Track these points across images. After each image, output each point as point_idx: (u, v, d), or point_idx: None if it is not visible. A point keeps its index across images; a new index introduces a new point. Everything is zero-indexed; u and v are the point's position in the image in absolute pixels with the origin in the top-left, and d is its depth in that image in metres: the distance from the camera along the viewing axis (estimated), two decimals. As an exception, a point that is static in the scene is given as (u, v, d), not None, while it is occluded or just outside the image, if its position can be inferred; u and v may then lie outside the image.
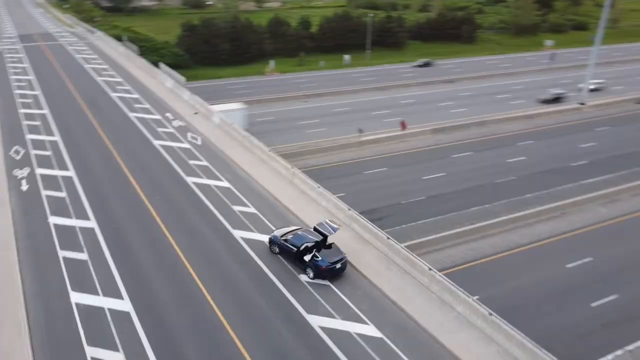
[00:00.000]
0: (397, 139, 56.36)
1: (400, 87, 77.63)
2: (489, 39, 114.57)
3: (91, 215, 28.27)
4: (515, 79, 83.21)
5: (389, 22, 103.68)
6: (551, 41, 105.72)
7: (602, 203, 43.69)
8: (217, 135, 39.86)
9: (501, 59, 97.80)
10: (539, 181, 47.44)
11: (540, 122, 62.61)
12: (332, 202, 28.96)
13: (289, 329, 20.48)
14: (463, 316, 20.86)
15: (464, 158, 52.31)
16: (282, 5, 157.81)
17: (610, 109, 67.70)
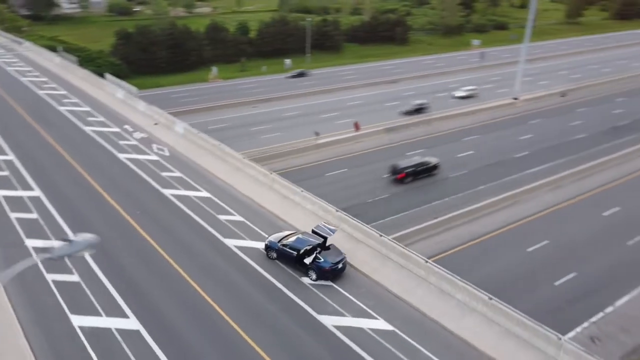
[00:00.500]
0: (352, 140, 57.83)
1: (346, 89, 79.49)
2: (420, 40, 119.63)
3: (72, 236, 27.21)
4: (451, 78, 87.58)
5: (325, 26, 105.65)
6: (478, 41, 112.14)
7: (547, 190, 47.29)
8: (184, 145, 39.39)
9: (435, 59, 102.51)
10: (489, 173, 50.48)
11: (480, 118, 66.48)
12: (318, 205, 29.72)
13: (305, 331, 21.05)
14: (463, 303, 22.35)
15: (419, 155, 54.62)
16: (212, 10, 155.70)
17: (540, 103, 73.08)
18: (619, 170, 51.15)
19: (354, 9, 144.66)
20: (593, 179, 49.38)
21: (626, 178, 49.83)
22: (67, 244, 13.39)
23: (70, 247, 13.39)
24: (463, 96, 74.75)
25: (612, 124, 65.11)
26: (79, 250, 13.45)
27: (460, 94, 75.14)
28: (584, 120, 66.07)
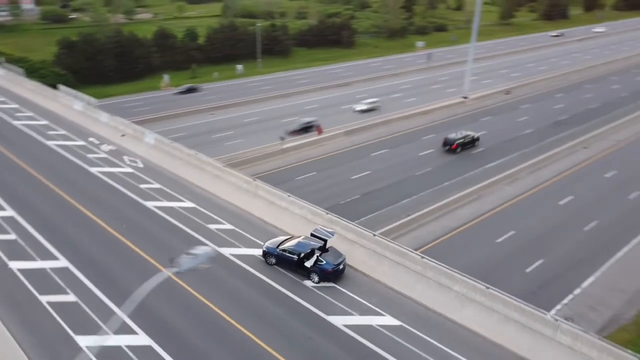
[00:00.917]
0: (315, 144, 58.62)
1: (302, 93, 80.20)
2: (366, 42, 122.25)
3: (59, 255, 26.37)
4: (402, 79, 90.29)
5: (274, 31, 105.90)
6: (422, 42, 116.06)
7: (506, 183, 50.06)
8: (158, 156, 38.77)
9: (383, 61, 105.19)
10: (451, 170, 52.76)
11: (434, 117, 69.13)
12: (307, 209, 30.27)
13: (317, 332, 21.58)
14: (461, 294, 23.65)
15: (382, 155, 56.20)
16: (153, 16, 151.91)
17: (488, 101, 76.88)
18: (568, 161, 54.86)
19: (298, 13, 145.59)
20: (546, 170, 52.68)
21: (575, 169, 53.49)
22: (191, 256, 13.68)
23: (194, 260, 13.73)
24: (364, 109, 70.03)
25: (555, 118, 69.53)
26: (202, 262, 13.80)
27: (361, 107, 70.29)
28: (529, 116, 70.17)
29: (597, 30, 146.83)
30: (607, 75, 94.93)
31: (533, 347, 20.88)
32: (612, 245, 39.32)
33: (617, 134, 63.51)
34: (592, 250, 38.75)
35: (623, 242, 39.72)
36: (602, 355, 19.88)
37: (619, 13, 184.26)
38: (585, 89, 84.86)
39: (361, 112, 69.89)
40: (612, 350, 19.91)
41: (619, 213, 44.25)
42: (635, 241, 40.01)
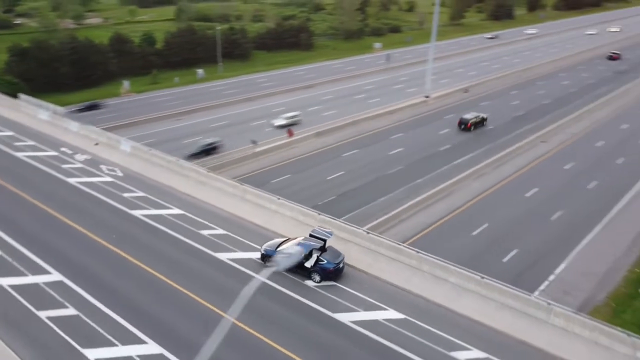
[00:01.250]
0: (287, 146, 59.00)
1: (268, 96, 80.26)
2: (324, 44, 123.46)
3: (50, 269, 25.75)
4: (364, 80, 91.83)
5: (233, 34, 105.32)
6: (379, 44, 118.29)
7: (474, 179, 52.09)
8: (137, 164, 38.21)
9: (343, 63, 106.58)
10: (421, 167, 54.35)
11: (400, 117, 70.88)
12: (297, 210, 30.75)
13: (326, 330, 22.14)
14: (457, 285, 24.81)
15: (353, 155, 57.23)
16: (104, 21, 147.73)
17: (448, 99, 79.48)
18: (529, 155, 57.61)
19: (254, 16, 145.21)
20: (509, 165, 55.16)
21: (536, 162, 56.23)
22: (286, 256, 14.37)
23: (290, 259, 14.38)
24: (283, 125, 64.05)
25: (513, 114, 72.71)
26: (296, 261, 14.58)
27: (280, 123, 64.71)
28: (489, 113, 72.96)
29: (530, 32, 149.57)
30: (555, 73, 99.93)
31: (529, 330, 22.21)
32: (578, 232, 41.77)
33: (572, 127, 67.14)
34: (560, 238, 41.04)
35: (587, 229, 42.26)
36: (594, 334, 21.41)
37: (559, 13, 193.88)
38: (538, 86, 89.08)
39: (280, 127, 63.37)
40: (602, 328, 21.49)
41: (580, 202, 46.98)
42: (598, 228, 42.63)
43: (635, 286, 35.77)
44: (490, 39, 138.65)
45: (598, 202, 47.11)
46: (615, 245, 40.33)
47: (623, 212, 45.63)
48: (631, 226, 43.39)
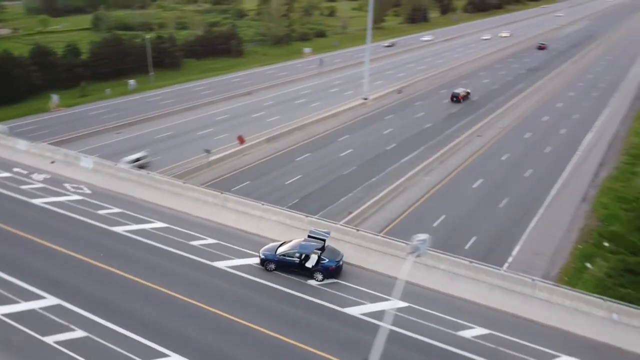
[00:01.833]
0: (239, 154, 59.17)
1: (209, 105, 79.46)
2: (254, 51, 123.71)
3: (44, 293, 24.78)
4: (300, 85, 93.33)
5: (162, 43, 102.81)
6: (309, 49, 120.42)
7: (424, 174, 55.28)
8: (104, 180, 37.10)
9: (276, 68, 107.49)
10: (373, 166, 56.75)
11: (343, 119, 73.18)
12: (284, 214, 31.57)
13: (340, 324, 23.29)
14: (449, 271, 26.90)
15: (307, 159, 58.55)
16: (13, 32, 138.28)
17: (385, 100, 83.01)
18: (469, 148, 61.91)
19: (177, 24, 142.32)
20: (453, 159, 59.03)
21: (476, 155, 60.56)
22: (421, 242, 15.17)
23: (425, 244, 15.35)
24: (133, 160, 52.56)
25: (447, 112, 77.43)
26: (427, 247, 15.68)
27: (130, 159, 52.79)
28: (425, 112, 77.27)
29: (425, 39, 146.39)
30: (476, 71, 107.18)
31: (519, 305, 24.70)
32: (524, 217, 45.82)
33: (500, 121, 72.74)
34: (510, 222, 44.84)
35: (532, 213, 46.46)
36: (574, 302, 24.27)
37: (469, 15, 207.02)
38: (463, 84, 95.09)
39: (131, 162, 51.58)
40: (581, 297, 24.41)
41: (521, 189, 51.41)
42: (541, 211, 46.99)
43: (581, 260, 40.00)
44: (388, 47, 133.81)
45: (536, 187, 51.78)
46: (557, 226, 44.74)
47: (559, 195, 50.53)
48: (568, 206, 48.24)
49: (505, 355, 21.70)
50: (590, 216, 47.17)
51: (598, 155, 61.78)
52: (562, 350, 21.92)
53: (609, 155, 61.87)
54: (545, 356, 21.53)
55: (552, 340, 22.42)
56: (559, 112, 78.58)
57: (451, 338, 22.62)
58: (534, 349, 22.01)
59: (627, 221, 47.12)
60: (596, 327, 23.28)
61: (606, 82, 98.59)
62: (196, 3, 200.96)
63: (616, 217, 47.22)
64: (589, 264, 39.53)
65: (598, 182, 54.21)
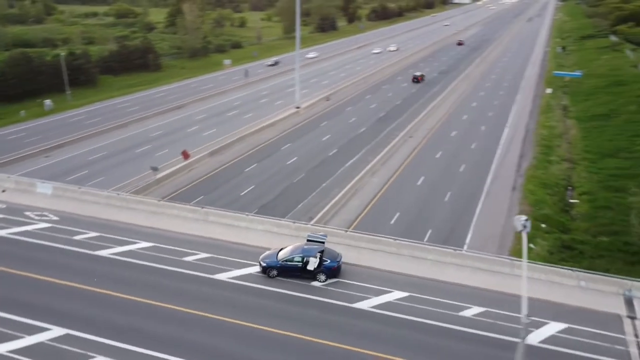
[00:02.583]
0: (186, 169, 58.54)
1: (139, 121, 77.05)
2: (172, 64, 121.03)
3: (47, 325, 23.81)
4: (229, 97, 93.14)
5: (75, 59, 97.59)
6: (229, 60, 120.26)
7: (370, 175, 58.23)
8: (69, 205, 35.61)
9: (199, 81, 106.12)
10: (321, 172, 58.76)
11: (281, 128, 74.58)
12: (270, 223, 32.50)
13: (355, 319, 24.87)
14: (436, 260, 29.44)
15: (255, 169, 59.25)
16: None
17: (316, 108, 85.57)
18: (405, 149, 65.97)
19: (83, 39, 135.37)
20: (393, 160, 62.70)
21: (413, 155, 64.72)
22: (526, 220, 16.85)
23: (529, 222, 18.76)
24: None
25: (376, 116, 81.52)
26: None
27: None
28: (356, 117, 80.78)
29: (311, 56, 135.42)
30: (395, 76, 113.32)
31: (502, 283, 27.78)
32: (468, 207, 50.15)
33: (426, 123, 77.99)
34: (457, 213, 48.91)
35: (474, 204, 50.93)
36: (548, 275, 27.80)
37: (373, 23, 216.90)
38: (385, 89, 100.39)
39: None
40: (553, 270, 28.02)
41: (459, 182, 55.99)
42: (481, 201, 51.60)
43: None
44: (271, 66, 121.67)
45: (472, 180, 56.64)
46: (498, 213, 49.45)
47: (492, 185, 55.67)
48: (502, 195, 53.41)
49: (503, 327, 24.47)
50: (523, 202, 52.54)
51: (517, 148, 68.61)
52: (548, 317, 25.15)
53: (525, 147, 68.91)
54: (536, 324, 24.58)
55: (538, 310, 25.59)
56: (475, 110, 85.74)
57: (456, 319, 25.03)
58: (520, 318, 24.99)
59: (552, 204, 53.19)
60: (569, 294, 26.87)
61: (508, 81, 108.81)
62: (96, 17, 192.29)
63: (544, 201, 53.07)
64: (532, 245, 44.25)
65: (522, 172, 60.33)
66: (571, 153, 67.77)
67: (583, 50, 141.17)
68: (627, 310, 25.82)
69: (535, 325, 24.50)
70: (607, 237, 45.35)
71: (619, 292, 26.76)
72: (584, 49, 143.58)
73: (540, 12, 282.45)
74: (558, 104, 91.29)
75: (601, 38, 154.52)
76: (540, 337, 23.72)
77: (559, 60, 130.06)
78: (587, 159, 64.50)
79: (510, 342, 23.21)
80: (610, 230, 46.66)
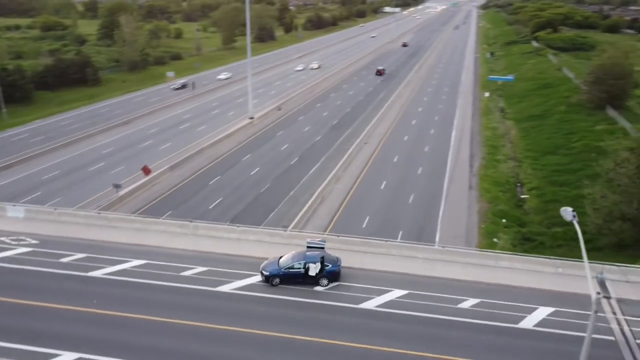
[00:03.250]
0: (148, 185, 57.34)
1: (86, 138, 74.07)
2: (112, 78, 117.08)
3: (58, 351, 23.15)
4: (178, 109, 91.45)
5: (8, 75, 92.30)
6: (172, 72, 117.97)
7: (334, 182, 59.60)
8: (47, 227, 34.30)
9: (145, 94, 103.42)
10: (285, 181, 59.41)
11: (238, 139, 74.49)
12: (262, 233, 33.00)
13: (364, 319, 25.99)
14: (425, 258, 31.14)
15: (219, 182, 58.96)
16: None
17: (269, 118, 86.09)
18: (362, 156, 67.99)
19: (9, 53, 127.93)
20: (353, 166, 64.43)
21: (372, 160, 66.82)
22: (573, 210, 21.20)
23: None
24: None
25: (330, 124, 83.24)
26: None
27: None
28: (310, 126, 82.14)
29: (222, 77, 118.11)
30: (340, 84, 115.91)
31: (487, 274, 29.91)
32: (432, 208, 52.71)
33: (378, 128, 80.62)
34: (423, 214, 51.23)
35: (437, 204, 53.57)
36: (528, 264, 30.23)
37: (310, 32, 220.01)
38: (333, 97, 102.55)
39: None
40: (532, 259, 30.52)
41: (419, 185, 58.58)
42: (443, 201, 54.31)
43: (489, 237, 47.62)
44: (179, 89, 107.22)
45: (430, 182, 59.45)
46: (460, 211, 52.36)
47: (450, 186, 58.71)
48: (461, 195, 56.48)
49: (500, 315, 26.45)
50: (480, 200, 55.89)
51: (466, 149, 72.59)
52: (537, 303, 27.43)
53: (474, 148, 73.05)
54: (527, 309, 26.79)
55: (526, 297, 27.88)
56: (422, 115, 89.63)
57: (456, 311, 26.75)
58: (517, 306, 27.19)
59: (506, 201, 56.90)
60: (550, 281, 29.38)
61: (447, 86, 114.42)
62: (19, 30, 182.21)
63: (498, 198, 56.67)
64: (495, 239, 47.31)
65: (475, 172, 64.03)
66: (515, 152, 72.57)
67: (510, 56, 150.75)
68: (602, 291, 28.60)
69: (527, 311, 26.66)
70: (560, 227, 49.18)
71: (592, 275, 29.53)
72: (511, 54, 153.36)
73: (465, 20, 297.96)
74: (496, 106, 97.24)
75: (524, 44, 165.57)
76: (534, 321, 25.85)
77: (490, 65, 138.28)
78: (530, 157, 69.33)
79: (508, 327, 25.26)
80: (561, 221, 49.95)
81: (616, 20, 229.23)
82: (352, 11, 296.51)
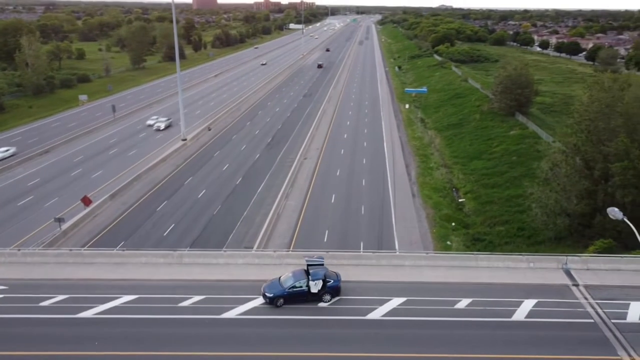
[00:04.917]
0: (91, 215, 54.14)
1: (3, 171, 67.80)
2: (16, 103, 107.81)
3: None
4: (102, 134, 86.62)
5: None
6: (84, 96, 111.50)
7: (285, 198, 60.09)
8: (10, 271, 31.45)
9: (60, 120, 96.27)
10: (236, 201, 58.75)
11: (176, 162, 72.28)
12: (250, 255, 32.90)
13: (374, 329, 27.01)
14: (413, 265, 32.89)
15: (167, 207, 56.92)
16: None
17: (203, 139, 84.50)
18: (306, 170, 69.13)
19: None
20: (297, 182, 65.39)
21: (316, 173, 68.18)
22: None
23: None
24: None
25: (264, 142, 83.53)
26: None
27: None
28: (246, 144, 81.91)
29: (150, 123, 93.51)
30: (265, 102, 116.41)
31: (471, 274, 32.26)
32: (384, 217, 55.16)
33: (313, 144, 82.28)
34: (377, 224, 53.38)
35: (388, 213, 56.15)
36: (505, 262, 33.04)
37: (220, 50, 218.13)
38: (261, 115, 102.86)
39: None
40: (508, 257, 33.36)
41: (367, 196, 60.88)
42: (393, 210, 56.95)
43: (442, 240, 50.77)
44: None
45: (376, 192, 62.09)
46: (410, 218, 55.37)
47: (396, 194, 61.64)
48: (406, 202, 59.60)
49: (494, 311, 28.74)
50: (425, 206, 59.36)
51: (400, 159, 76.45)
52: (521, 296, 30.11)
53: (407, 158, 77.12)
54: (515, 303, 29.37)
55: (510, 292, 30.50)
56: (351, 129, 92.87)
57: (454, 311, 28.64)
58: (506, 301, 29.66)
59: (447, 205, 60.90)
60: (525, 275, 32.34)
61: (367, 100, 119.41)
62: None
63: (440, 203, 60.55)
64: (449, 242, 50.58)
65: (414, 180, 67.75)
66: (444, 159, 77.66)
67: (417, 69, 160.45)
68: (570, 280, 32.03)
69: (515, 304, 29.24)
70: (501, 227, 53.63)
71: (559, 266, 32.97)
72: (417, 67, 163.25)
73: (367, 36, 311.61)
74: (416, 117, 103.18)
75: (427, 57, 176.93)
76: (524, 313, 28.40)
77: (401, 79, 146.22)
78: (459, 163, 74.65)
79: (504, 321, 27.65)
80: (501, 220, 55.11)
81: (501, 34, 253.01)
82: (258, 28, 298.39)
